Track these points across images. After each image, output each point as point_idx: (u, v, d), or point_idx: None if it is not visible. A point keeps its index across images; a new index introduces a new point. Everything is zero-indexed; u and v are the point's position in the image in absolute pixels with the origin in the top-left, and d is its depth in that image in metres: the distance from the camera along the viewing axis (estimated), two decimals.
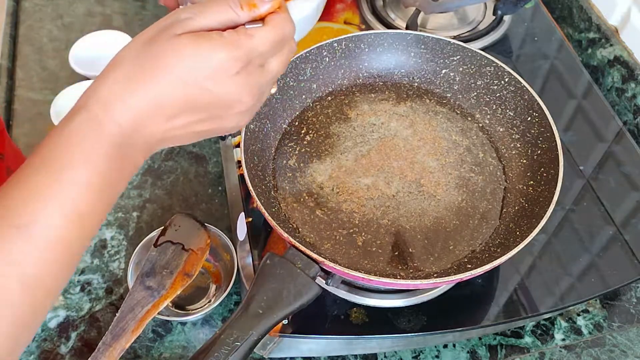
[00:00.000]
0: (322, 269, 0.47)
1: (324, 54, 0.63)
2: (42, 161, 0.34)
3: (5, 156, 0.62)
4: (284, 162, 0.59)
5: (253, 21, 0.38)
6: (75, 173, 0.34)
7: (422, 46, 0.64)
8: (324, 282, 0.50)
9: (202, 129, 0.39)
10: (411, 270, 0.52)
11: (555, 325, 0.62)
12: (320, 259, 0.46)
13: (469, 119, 0.63)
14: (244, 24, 0.38)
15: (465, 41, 0.75)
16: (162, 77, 0.35)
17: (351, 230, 0.54)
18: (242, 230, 0.59)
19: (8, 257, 0.32)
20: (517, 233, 0.52)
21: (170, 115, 0.36)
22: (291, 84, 0.62)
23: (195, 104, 0.36)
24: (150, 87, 0.35)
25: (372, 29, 0.80)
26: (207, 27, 0.37)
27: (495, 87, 0.62)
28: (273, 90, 0.44)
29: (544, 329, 0.62)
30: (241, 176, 0.60)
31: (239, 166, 0.61)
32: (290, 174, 0.58)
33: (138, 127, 0.35)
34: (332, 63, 0.64)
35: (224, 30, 0.37)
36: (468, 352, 0.61)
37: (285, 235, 0.47)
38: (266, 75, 0.39)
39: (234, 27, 0.37)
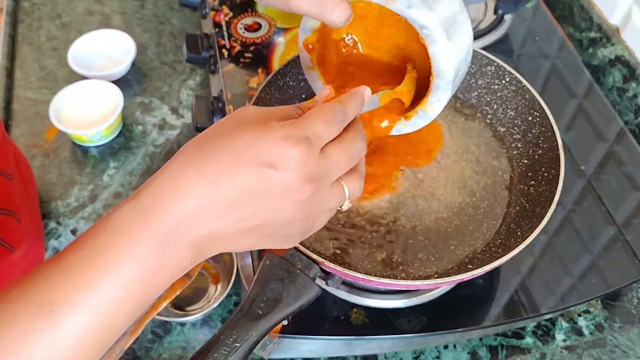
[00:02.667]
0: (322, 270, 0.47)
1: None
2: (84, 247, 0.32)
3: (15, 176, 0.61)
4: None
5: None
6: (116, 265, 0.31)
7: None
8: (324, 282, 0.50)
9: (252, 223, 0.34)
10: (412, 271, 0.52)
11: (556, 326, 0.62)
12: (320, 259, 0.46)
13: (470, 118, 0.63)
14: None
15: None
16: (216, 164, 0.33)
17: (351, 231, 0.54)
18: None
19: (34, 342, 0.30)
20: (518, 233, 0.52)
21: (223, 205, 0.33)
22: (291, 83, 0.61)
23: (248, 191, 0.33)
24: (203, 175, 0.33)
25: None
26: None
27: (496, 86, 0.61)
28: (345, 207, 0.39)
29: (545, 329, 0.62)
30: None
31: None
32: None
33: (186, 221, 0.32)
34: None
35: None
36: (469, 352, 0.60)
37: None
38: (327, 164, 0.35)
39: None
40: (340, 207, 0.38)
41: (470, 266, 0.51)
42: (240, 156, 0.33)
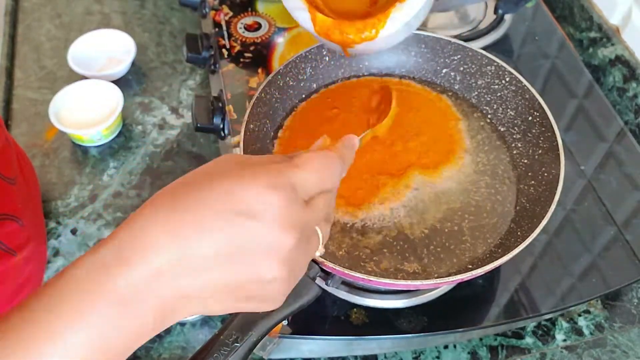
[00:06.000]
0: (322, 270, 0.47)
1: (324, 53, 0.63)
2: (33, 308, 0.28)
3: (17, 180, 0.60)
4: None
5: None
6: (63, 332, 0.28)
7: (423, 45, 0.64)
8: (324, 282, 0.50)
9: (228, 285, 0.30)
10: (412, 271, 0.52)
11: (557, 326, 0.62)
12: (320, 259, 0.46)
13: (470, 118, 0.63)
14: None
15: (466, 40, 0.74)
16: (187, 215, 0.29)
17: (352, 230, 0.54)
18: None
19: None
20: (518, 233, 0.52)
21: (191, 264, 0.29)
22: (291, 83, 0.61)
23: (222, 246, 0.29)
24: (171, 230, 0.29)
25: None
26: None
27: (496, 86, 0.61)
28: (318, 253, 0.35)
29: (545, 329, 0.62)
30: None
31: None
32: None
33: (148, 282, 0.29)
34: (332, 62, 0.64)
35: None
36: (469, 352, 0.60)
37: None
38: (311, 215, 0.32)
39: None
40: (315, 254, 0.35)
41: (470, 266, 0.51)
42: (214, 206, 0.29)
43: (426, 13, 0.43)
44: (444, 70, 0.64)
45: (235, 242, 0.29)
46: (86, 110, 0.76)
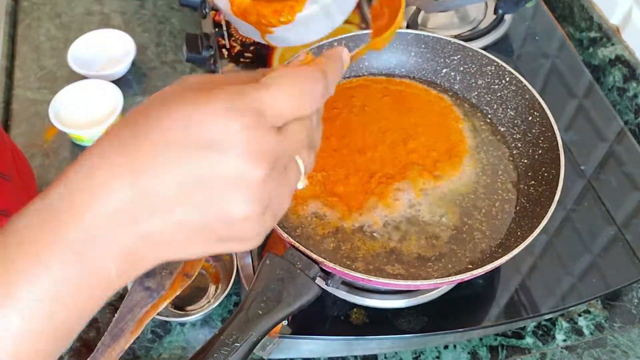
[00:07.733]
0: (322, 270, 0.47)
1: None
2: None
3: (12, 177, 0.60)
4: None
5: None
6: (13, 293, 0.25)
7: (423, 45, 0.64)
8: (324, 282, 0.50)
9: (195, 223, 0.27)
10: (412, 270, 0.52)
11: (557, 326, 0.62)
12: (320, 259, 0.46)
13: (470, 118, 0.63)
14: None
15: (466, 40, 0.75)
16: (144, 147, 0.26)
17: (352, 230, 0.54)
18: None
19: None
20: (518, 233, 0.52)
21: (152, 201, 0.26)
22: None
23: (184, 180, 0.26)
24: (127, 164, 0.26)
25: None
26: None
27: (496, 86, 0.61)
28: (300, 185, 0.31)
29: (545, 329, 0.62)
30: None
31: None
32: None
33: (105, 225, 0.26)
34: None
35: None
36: (469, 352, 0.60)
37: (285, 235, 0.47)
38: (286, 143, 0.28)
39: None
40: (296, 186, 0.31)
41: (470, 266, 0.51)
42: (173, 135, 0.26)
43: (351, 6, 0.41)
44: (444, 70, 0.64)
45: (196, 178, 0.26)
46: (86, 110, 0.76)
